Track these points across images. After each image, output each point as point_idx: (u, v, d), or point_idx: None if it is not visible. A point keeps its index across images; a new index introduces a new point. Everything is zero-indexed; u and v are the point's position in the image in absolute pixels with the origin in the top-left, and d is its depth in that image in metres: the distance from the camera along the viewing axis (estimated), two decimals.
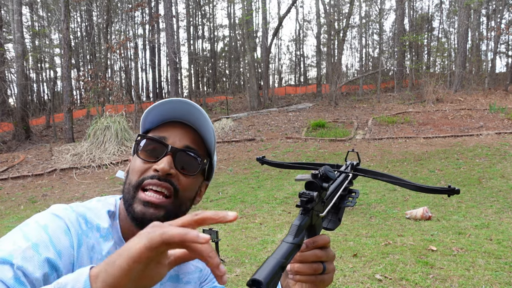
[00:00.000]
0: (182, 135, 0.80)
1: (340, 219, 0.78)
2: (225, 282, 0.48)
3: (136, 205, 0.74)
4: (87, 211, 0.74)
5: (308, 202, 0.64)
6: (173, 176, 0.76)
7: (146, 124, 0.83)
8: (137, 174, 0.76)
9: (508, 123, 12.87)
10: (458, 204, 6.22)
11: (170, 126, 0.81)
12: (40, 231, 0.65)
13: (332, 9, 29.97)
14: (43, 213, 0.70)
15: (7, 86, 21.10)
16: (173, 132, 0.80)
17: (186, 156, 0.79)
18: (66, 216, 0.70)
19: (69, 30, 15.99)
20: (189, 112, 0.79)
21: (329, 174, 0.66)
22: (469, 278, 3.48)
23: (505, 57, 31.47)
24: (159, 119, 0.82)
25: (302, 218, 0.64)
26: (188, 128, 0.81)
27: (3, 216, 7.68)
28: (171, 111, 0.80)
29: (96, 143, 12.36)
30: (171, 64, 18.90)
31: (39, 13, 29.21)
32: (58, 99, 26.08)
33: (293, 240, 0.60)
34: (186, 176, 0.78)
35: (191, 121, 0.81)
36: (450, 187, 0.69)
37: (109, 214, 0.78)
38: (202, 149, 0.82)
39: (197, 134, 0.82)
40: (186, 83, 34.89)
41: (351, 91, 25.34)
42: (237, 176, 9.84)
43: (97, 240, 0.72)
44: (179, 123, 0.81)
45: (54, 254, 0.63)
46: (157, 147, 0.78)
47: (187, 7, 32.31)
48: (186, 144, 0.79)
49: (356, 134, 13.27)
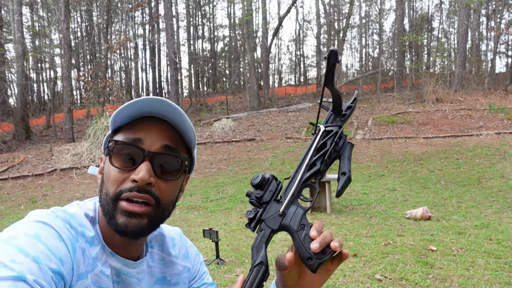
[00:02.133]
0: (159, 133, 0.73)
1: (344, 172, 0.67)
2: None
3: (119, 216, 0.69)
4: (69, 217, 0.70)
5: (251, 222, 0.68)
6: (153, 185, 0.70)
7: (117, 121, 0.74)
8: (113, 185, 0.70)
9: (508, 123, 12.88)
10: (458, 204, 6.22)
11: (145, 124, 0.73)
12: (34, 242, 0.60)
13: (332, 9, 29.98)
14: (25, 223, 0.65)
15: (8, 86, 21.10)
16: (149, 131, 0.72)
17: (165, 158, 0.72)
18: (52, 222, 0.65)
19: (69, 30, 16.00)
20: (164, 108, 0.72)
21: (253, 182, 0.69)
22: (469, 278, 3.48)
23: (505, 57, 31.48)
24: (132, 115, 0.73)
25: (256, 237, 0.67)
26: (164, 125, 0.73)
27: (3, 216, 7.69)
28: (145, 108, 0.72)
29: (96, 143, 12.37)
30: (171, 64, 18.91)
31: (39, 13, 29.21)
32: (58, 99, 26.08)
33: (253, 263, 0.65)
34: (167, 182, 0.72)
35: (167, 116, 0.73)
36: (328, 53, 0.63)
37: (88, 219, 0.73)
38: (181, 146, 0.76)
39: (174, 130, 0.74)
40: (186, 83, 34.91)
41: (351, 91, 25.35)
42: (237, 176, 9.84)
43: (85, 244, 0.70)
44: (154, 119, 0.73)
45: (57, 263, 0.61)
46: (132, 152, 0.70)
47: (187, 7, 32.30)
48: (164, 143, 0.72)
49: (356, 134, 13.27)
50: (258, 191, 0.69)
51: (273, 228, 0.67)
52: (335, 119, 0.74)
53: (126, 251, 0.77)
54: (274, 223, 0.67)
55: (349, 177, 0.67)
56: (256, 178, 0.69)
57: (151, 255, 0.85)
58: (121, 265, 0.75)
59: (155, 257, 0.86)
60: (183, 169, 0.75)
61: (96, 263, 0.70)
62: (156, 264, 0.86)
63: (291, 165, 10.31)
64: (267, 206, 0.68)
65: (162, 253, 0.88)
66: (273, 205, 0.68)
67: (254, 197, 0.69)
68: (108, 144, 0.74)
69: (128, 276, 0.77)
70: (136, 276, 0.78)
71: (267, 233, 0.67)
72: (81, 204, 0.76)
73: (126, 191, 0.69)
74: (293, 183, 0.69)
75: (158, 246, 0.87)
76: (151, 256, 0.85)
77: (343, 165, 0.69)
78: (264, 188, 0.69)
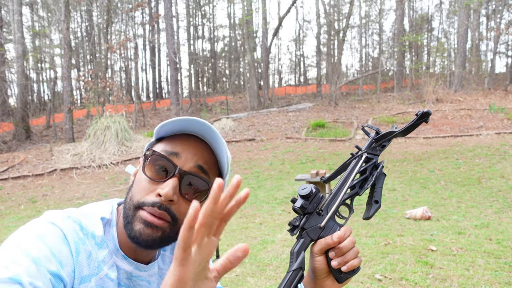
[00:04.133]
0: (196, 151, 0.75)
1: (377, 201, 0.77)
2: None
3: (136, 223, 0.70)
4: (82, 217, 0.71)
5: (293, 229, 0.74)
6: (175, 203, 0.71)
7: (161, 132, 0.78)
8: (139, 193, 0.72)
9: (508, 123, 12.89)
10: (458, 204, 6.23)
11: (184, 139, 0.76)
12: (38, 243, 0.62)
13: (332, 9, 29.98)
14: (38, 222, 0.67)
15: (8, 86, 21.11)
16: (187, 147, 0.75)
17: (195, 179, 0.73)
18: (62, 223, 0.67)
19: (69, 30, 16.00)
20: (204, 129, 0.75)
21: (301, 193, 0.73)
22: (469, 278, 3.48)
23: (504, 57, 31.49)
24: (174, 130, 0.77)
25: (297, 243, 0.73)
26: (202, 145, 0.76)
27: (3, 216, 7.69)
28: (187, 126, 0.75)
29: (96, 143, 12.37)
30: (171, 64, 18.91)
31: (39, 13, 29.22)
32: (58, 99, 26.08)
33: (291, 268, 0.70)
34: (190, 203, 0.72)
35: (206, 136, 0.76)
36: (417, 114, 0.71)
37: (104, 222, 0.75)
38: (214, 170, 0.77)
39: (211, 153, 0.77)
40: (186, 83, 34.93)
41: (351, 91, 25.36)
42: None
43: (93, 247, 0.70)
44: (193, 137, 0.77)
45: (56, 265, 0.61)
46: (166, 165, 0.73)
47: (187, 7, 32.32)
48: (198, 163, 0.74)
49: (356, 134, 13.28)
50: (304, 201, 0.75)
51: (312, 238, 0.75)
52: (375, 148, 0.80)
53: (139, 255, 0.78)
54: (314, 234, 0.74)
55: (380, 205, 0.77)
56: (305, 188, 0.75)
57: (162, 257, 0.86)
58: (133, 269, 0.76)
59: (166, 260, 0.87)
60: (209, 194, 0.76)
61: (101, 267, 0.71)
62: (167, 266, 0.86)
63: (291, 165, 10.31)
64: (310, 217, 0.75)
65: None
66: (315, 216, 0.75)
67: (300, 206, 0.74)
68: (147, 152, 0.76)
69: (139, 279, 0.78)
70: (147, 279, 0.79)
71: (307, 242, 0.74)
72: (98, 206, 0.78)
73: (148, 205, 0.70)
74: (334, 200, 0.76)
75: (170, 249, 0.88)
76: (162, 258, 0.86)
77: (377, 194, 0.77)
78: (310, 199, 0.75)
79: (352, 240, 0.75)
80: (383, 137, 0.79)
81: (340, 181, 0.77)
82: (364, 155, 0.78)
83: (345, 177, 0.77)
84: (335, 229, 0.75)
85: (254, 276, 3.84)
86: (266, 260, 4.22)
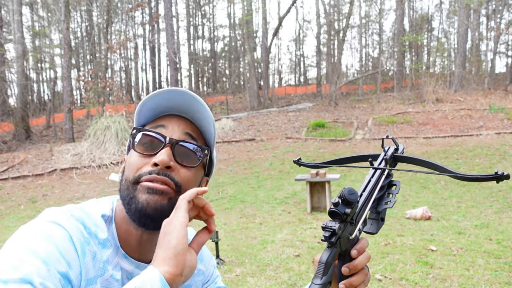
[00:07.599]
0: (180, 122, 0.76)
1: (383, 218, 0.73)
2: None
3: (140, 195, 0.69)
4: (85, 216, 0.69)
5: (332, 236, 0.64)
6: (173, 170, 0.71)
7: (141, 119, 0.77)
8: (133, 170, 0.71)
9: (508, 123, 12.88)
10: (458, 204, 6.23)
11: (166, 116, 0.77)
12: (46, 243, 0.60)
13: (332, 9, 29.97)
14: (41, 221, 0.65)
15: (8, 86, 21.11)
16: (171, 120, 0.76)
17: (186, 147, 0.74)
18: (66, 223, 0.65)
19: (69, 30, 16.00)
20: (188, 104, 0.74)
21: (350, 198, 0.64)
22: (469, 278, 3.48)
23: (504, 57, 31.50)
24: (154, 113, 0.77)
25: (328, 252, 0.64)
26: (187, 119, 0.77)
27: (3, 216, 7.69)
28: (168, 102, 0.75)
29: (96, 143, 12.37)
30: (171, 64, 18.91)
31: (39, 13, 29.22)
32: (58, 99, 26.08)
33: (321, 281, 0.61)
34: (187, 168, 0.73)
35: (190, 114, 0.76)
36: (497, 173, 0.62)
37: (105, 219, 0.73)
38: (201, 140, 0.78)
39: (195, 125, 0.78)
40: (186, 83, 34.94)
41: (351, 91, 25.36)
42: (237, 176, 9.85)
43: (97, 246, 0.69)
44: (176, 115, 0.77)
45: (65, 265, 0.61)
46: (155, 140, 0.73)
47: (187, 7, 32.32)
48: (186, 131, 0.75)
49: (356, 134, 13.27)
50: (347, 208, 0.66)
51: (342, 249, 0.67)
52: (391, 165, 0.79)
53: (140, 253, 0.76)
54: (344, 244, 0.67)
55: (383, 223, 0.75)
56: (354, 194, 0.66)
57: None
58: (133, 268, 0.75)
59: None
60: (202, 159, 0.76)
61: (106, 267, 0.70)
62: None
63: (291, 165, 10.31)
64: (346, 225, 0.67)
65: None
66: (348, 225, 0.68)
67: (343, 211, 0.65)
68: (132, 132, 0.75)
69: None
70: None
71: (337, 252, 0.66)
72: (99, 202, 0.76)
73: (145, 174, 0.69)
74: (362, 211, 0.70)
75: None
76: None
77: (383, 212, 0.74)
78: (353, 206, 0.67)
79: (367, 256, 0.71)
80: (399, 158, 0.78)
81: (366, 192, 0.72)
82: (386, 171, 0.74)
83: (371, 189, 0.72)
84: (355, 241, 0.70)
85: (254, 276, 3.83)
86: (266, 260, 4.22)
